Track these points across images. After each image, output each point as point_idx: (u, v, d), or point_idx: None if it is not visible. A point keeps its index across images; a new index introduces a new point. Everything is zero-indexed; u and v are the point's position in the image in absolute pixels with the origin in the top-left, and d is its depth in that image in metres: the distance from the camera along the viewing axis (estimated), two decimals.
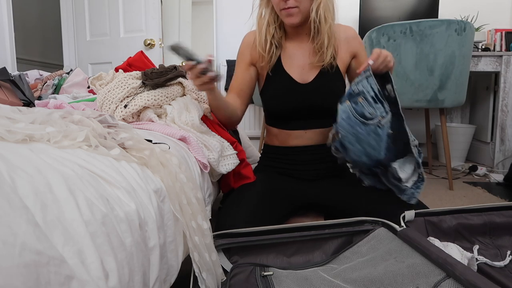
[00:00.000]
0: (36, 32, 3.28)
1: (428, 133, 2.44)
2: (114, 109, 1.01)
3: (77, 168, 0.44)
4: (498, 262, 0.83)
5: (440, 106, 1.95)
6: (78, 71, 1.61)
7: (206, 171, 0.92)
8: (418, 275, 0.67)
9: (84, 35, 2.88)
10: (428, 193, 1.91)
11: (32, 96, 1.22)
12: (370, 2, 2.86)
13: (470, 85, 2.17)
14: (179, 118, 1.00)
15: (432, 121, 2.95)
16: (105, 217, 0.41)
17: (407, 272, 0.69)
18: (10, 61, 2.27)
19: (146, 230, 0.49)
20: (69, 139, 0.52)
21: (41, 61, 3.27)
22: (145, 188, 0.53)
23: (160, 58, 2.72)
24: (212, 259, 0.67)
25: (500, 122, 2.45)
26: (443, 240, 0.86)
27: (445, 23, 1.85)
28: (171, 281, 0.58)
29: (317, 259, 0.86)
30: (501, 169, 2.45)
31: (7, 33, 2.25)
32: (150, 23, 2.68)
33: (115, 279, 0.38)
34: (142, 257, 0.45)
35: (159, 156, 0.63)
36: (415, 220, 0.87)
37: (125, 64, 1.35)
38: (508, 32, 2.60)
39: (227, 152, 1.05)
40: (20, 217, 0.30)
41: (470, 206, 0.91)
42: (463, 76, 1.95)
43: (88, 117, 0.63)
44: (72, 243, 0.35)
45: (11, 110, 0.60)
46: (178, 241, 0.60)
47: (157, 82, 1.06)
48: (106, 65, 2.75)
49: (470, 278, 0.58)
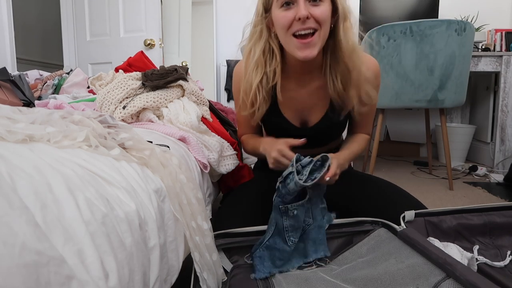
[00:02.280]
0: (36, 32, 3.28)
1: (428, 133, 2.44)
2: (113, 110, 1.01)
3: (77, 168, 0.44)
4: (498, 262, 0.83)
5: (440, 106, 1.95)
6: (78, 71, 1.61)
7: (206, 171, 0.92)
8: (418, 275, 0.67)
9: (84, 35, 2.88)
10: (428, 193, 1.91)
11: (32, 96, 1.22)
12: (370, 2, 2.86)
13: (470, 85, 2.17)
14: (176, 119, 0.99)
15: (432, 121, 2.95)
16: (105, 217, 0.41)
17: (407, 273, 0.69)
18: (10, 61, 2.27)
19: (146, 230, 0.49)
20: (69, 139, 0.52)
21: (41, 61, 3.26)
22: (145, 188, 0.53)
23: (160, 58, 2.72)
24: (213, 259, 0.67)
25: (500, 122, 2.45)
26: (443, 240, 0.86)
27: (445, 23, 1.85)
28: (172, 281, 0.58)
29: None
30: (501, 169, 2.45)
31: (7, 33, 2.25)
32: (150, 23, 2.68)
33: (115, 279, 0.38)
34: (142, 257, 0.45)
35: (159, 156, 0.63)
36: (415, 220, 0.87)
37: (125, 64, 1.35)
38: (508, 32, 2.60)
39: (227, 152, 1.05)
40: (20, 217, 0.30)
41: (470, 206, 0.91)
42: (463, 76, 1.95)
43: (88, 117, 0.63)
44: (72, 243, 0.35)
45: (11, 110, 0.60)
46: (179, 241, 0.60)
47: (157, 84, 1.06)
48: (106, 65, 2.74)
49: (470, 278, 0.58)
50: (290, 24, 0.77)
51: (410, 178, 2.30)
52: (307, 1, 0.76)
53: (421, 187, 2.04)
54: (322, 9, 0.77)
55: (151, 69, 1.15)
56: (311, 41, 0.77)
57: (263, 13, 0.82)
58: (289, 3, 0.78)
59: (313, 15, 0.76)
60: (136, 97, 1.03)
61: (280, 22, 0.79)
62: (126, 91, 1.03)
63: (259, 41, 0.83)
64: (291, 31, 0.78)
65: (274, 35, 0.84)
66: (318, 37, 0.78)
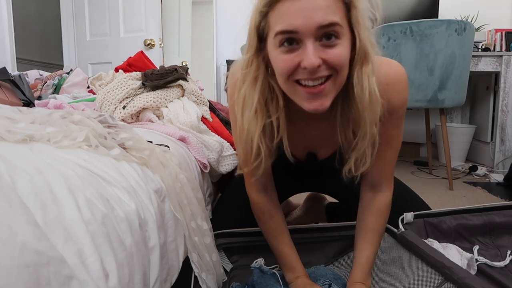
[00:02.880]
0: (36, 32, 3.28)
1: (428, 133, 2.44)
2: (113, 110, 1.01)
3: (77, 168, 0.44)
4: (498, 263, 0.83)
5: (440, 106, 1.95)
6: (78, 71, 1.61)
7: (206, 171, 0.92)
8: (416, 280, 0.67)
9: (84, 35, 2.88)
10: (428, 193, 1.90)
11: (32, 96, 1.22)
12: (370, 2, 2.85)
13: (470, 85, 2.17)
14: (176, 119, 0.99)
15: (432, 121, 2.95)
16: (105, 217, 0.41)
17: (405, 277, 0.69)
18: (10, 61, 2.27)
19: (146, 230, 0.49)
20: (69, 139, 0.52)
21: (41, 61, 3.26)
22: (145, 188, 0.53)
23: (160, 58, 2.72)
24: (212, 259, 0.68)
25: (500, 122, 2.45)
26: (443, 241, 0.86)
27: (445, 23, 1.85)
28: (172, 281, 0.58)
29: (318, 261, 0.86)
30: (501, 169, 2.44)
31: (7, 33, 2.25)
32: (150, 23, 2.68)
33: (115, 279, 0.38)
34: (142, 257, 0.45)
35: (159, 156, 0.63)
36: (415, 222, 0.87)
37: (125, 64, 1.36)
38: (508, 32, 2.60)
39: (227, 152, 1.05)
40: (20, 217, 0.30)
41: (470, 207, 0.91)
42: (463, 76, 1.95)
43: (88, 117, 0.63)
44: (72, 243, 0.35)
45: (11, 110, 0.60)
46: (179, 241, 0.60)
47: (157, 84, 1.06)
48: (106, 65, 2.74)
49: (468, 282, 0.58)
50: (293, 71, 0.57)
51: (410, 178, 2.30)
52: (317, 42, 0.54)
53: (421, 187, 2.04)
54: (339, 52, 0.55)
55: (151, 69, 1.15)
56: (323, 90, 0.57)
57: (257, 45, 0.61)
58: (291, 41, 0.55)
59: (326, 61, 0.55)
60: (136, 97, 1.03)
61: (278, 67, 0.58)
62: (126, 91, 1.03)
63: (255, 83, 0.63)
64: (294, 78, 0.58)
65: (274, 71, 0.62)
66: (332, 85, 0.57)
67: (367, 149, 0.64)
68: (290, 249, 0.76)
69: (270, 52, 0.59)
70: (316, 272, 0.77)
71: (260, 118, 0.64)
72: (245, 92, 0.64)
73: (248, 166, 0.69)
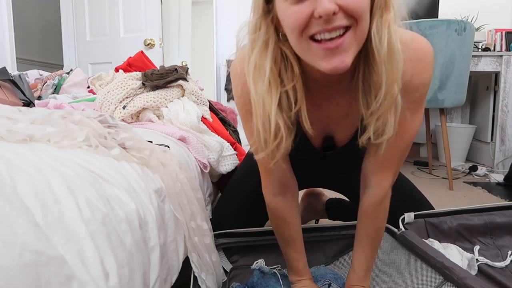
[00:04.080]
0: (36, 32, 3.28)
1: (428, 133, 2.44)
2: (113, 110, 1.01)
3: (77, 168, 0.44)
4: (499, 263, 0.83)
5: (440, 106, 1.95)
6: (78, 71, 1.61)
7: (206, 171, 0.92)
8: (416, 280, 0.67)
9: (84, 35, 2.88)
10: (428, 193, 1.90)
11: (32, 96, 1.22)
12: None
13: (470, 85, 2.17)
14: (176, 119, 0.99)
15: (432, 121, 2.95)
16: (105, 217, 0.41)
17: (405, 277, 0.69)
18: (10, 61, 2.27)
19: (146, 230, 0.49)
20: (69, 139, 0.52)
21: (41, 61, 3.26)
22: (145, 188, 0.53)
23: (160, 58, 2.72)
24: (212, 259, 0.67)
25: (500, 122, 2.45)
26: (443, 241, 0.86)
27: (445, 23, 1.85)
28: (172, 281, 0.58)
29: (318, 260, 0.86)
30: (501, 169, 2.44)
31: (7, 33, 2.25)
32: (150, 23, 2.68)
33: (115, 279, 0.38)
34: (142, 256, 0.45)
35: (159, 156, 0.63)
36: (416, 222, 0.87)
37: (125, 64, 1.36)
38: (508, 32, 2.60)
39: (227, 152, 1.05)
40: (20, 217, 0.30)
41: (471, 207, 0.91)
42: (463, 76, 1.95)
43: (89, 117, 0.63)
44: (72, 243, 0.35)
45: (11, 110, 0.60)
46: (179, 241, 0.60)
47: (157, 84, 1.06)
48: (106, 65, 2.74)
49: (467, 282, 0.58)
50: (306, 24, 0.49)
51: (410, 178, 2.29)
52: None
53: (421, 187, 2.03)
54: None
55: (151, 69, 1.15)
56: (342, 44, 0.49)
57: (264, 6, 0.54)
58: None
59: (343, 8, 0.47)
60: (136, 97, 1.03)
61: (289, 22, 0.50)
62: (126, 91, 1.03)
63: (266, 49, 0.56)
64: (307, 34, 0.50)
65: (285, 36, 0.56)
66: (352, 37, 0.50)
67: (388, 114, 0.55)
68: (300, 254, 0.73)
69: (278, 9, 0.52)
70: (316, 272, 0.78)
71: (275, 90, 0.57)
72: (255, 60, 0.56)
73: (267, 147, 0.60)
